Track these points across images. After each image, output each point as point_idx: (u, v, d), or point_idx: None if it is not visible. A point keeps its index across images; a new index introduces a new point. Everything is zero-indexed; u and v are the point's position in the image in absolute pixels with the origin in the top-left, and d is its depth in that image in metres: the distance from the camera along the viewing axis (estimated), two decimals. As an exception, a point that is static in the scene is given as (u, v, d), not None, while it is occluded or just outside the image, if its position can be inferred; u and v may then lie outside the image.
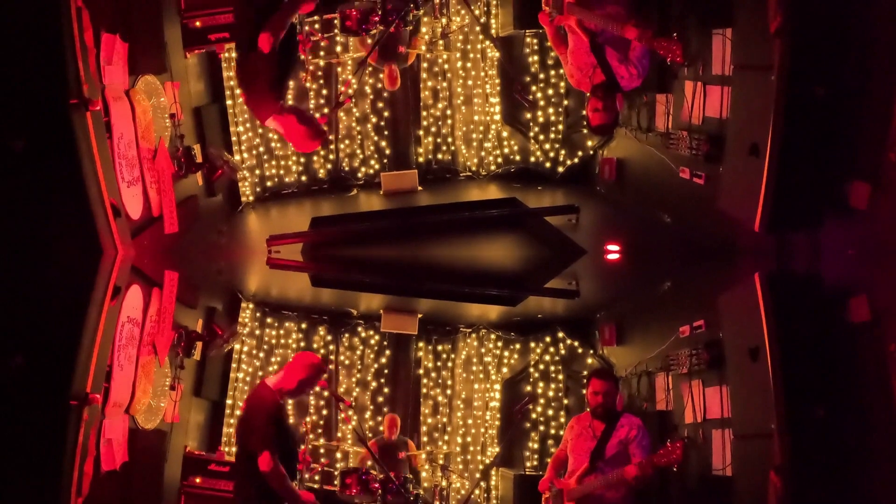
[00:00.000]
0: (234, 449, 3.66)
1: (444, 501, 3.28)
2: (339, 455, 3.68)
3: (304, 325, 5.46)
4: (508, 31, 7.55)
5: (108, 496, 3.08)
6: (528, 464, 3.49)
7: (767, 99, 6.30)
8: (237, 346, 4.99)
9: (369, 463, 3.59)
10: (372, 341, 5.06)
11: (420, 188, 7.71)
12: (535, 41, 7.51)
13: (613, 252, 7.43)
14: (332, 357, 4.77)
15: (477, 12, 7.46)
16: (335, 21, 7.36)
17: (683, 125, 7.05)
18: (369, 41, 7.25)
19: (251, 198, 7.85)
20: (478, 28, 7.41)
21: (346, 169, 7.77)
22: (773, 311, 5.56)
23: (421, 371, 4.50)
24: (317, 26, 7.47)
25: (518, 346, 4.97)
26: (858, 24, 6.35)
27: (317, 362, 4.75)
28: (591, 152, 7.68)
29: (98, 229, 6.69)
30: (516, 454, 3.60)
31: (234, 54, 7.20)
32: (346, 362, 4.68)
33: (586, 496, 3.19)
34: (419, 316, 5.81)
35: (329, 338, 5.18)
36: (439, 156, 7.78)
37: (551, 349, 4.86)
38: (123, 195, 6.99)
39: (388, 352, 4.88)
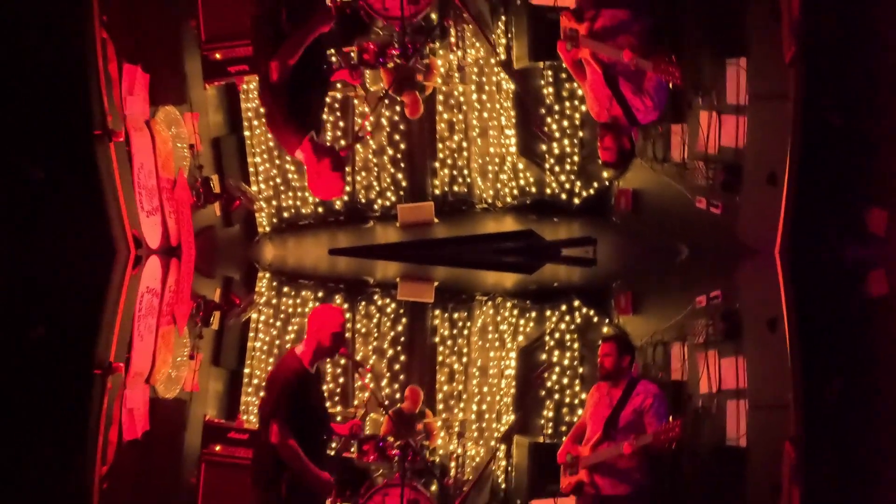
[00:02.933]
0: (252, 417, 3.68)
1: (459, 469, 3.28)
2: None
3: (320, 294, 5.46)
4: (524, 64, 7.63)
5: (130, 465, 3.10)
6: (544, 432, 3.49)
7: (784, 127, 6.35)
8: (255, 316, 4.99)
9: (385, 429, 3.59)
10: (388, 309, 5.06)
11: (436, 220, 7.73)
12: (549, 73, 7.58)
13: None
14: (348, 325, 4.77)
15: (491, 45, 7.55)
16: (353, 54, 7.44)
17: (699, 155, 7.09)
18: (385, 74, 7.31)
19: (268, 228, 7.88)
20: (494, 61, 7.48)
21: (363, 201, 7.80)
22: (792, 282, 5.54)
23: (437, 339, 4.50)
24: (334, 59, 7.55)
25: (534, 314, 4.96)
26: (873, 51, 6.43)
27: (335, 311, 4.72)
28: (607, 183, 7.71)
29: (118, 259, 6.72)
30: (532, 422, 3.60)
31: (253, 86, 7.26)
32: (363, 330, 4.68)
33: (599, 464, 3.19)
34: (435, 284, 5.79)
35: (346, 306, 5.18)
36: (455, 188, 7.81)
37: (567, 318, 4.87)
38: (143, 225, 7.02)
39: (404, 320, 4.86)
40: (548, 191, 7.74)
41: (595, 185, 7.72)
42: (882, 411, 3.44)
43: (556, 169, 7.68)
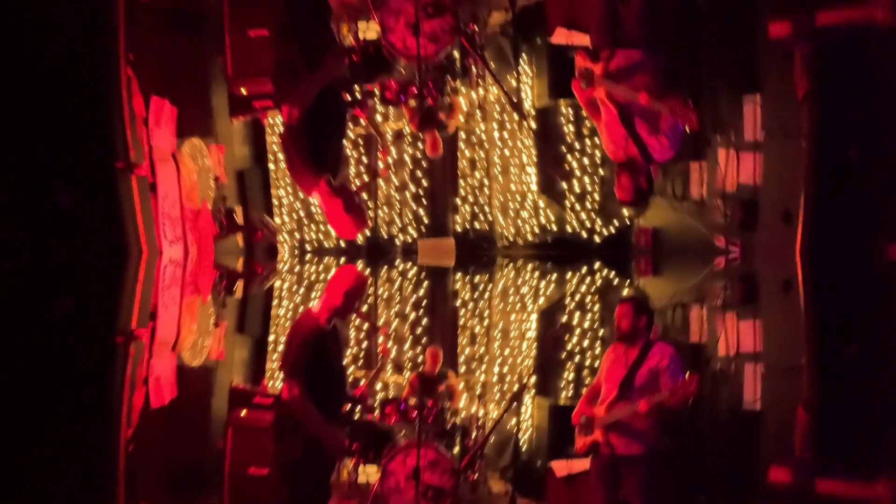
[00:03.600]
0: (277, 383, 3.72)
1: (480, 430, 3.29)
2: (378, 385, 3.72)
3: (343, 261, 5.49)
4: (544, 102, 7.72)
5: (159, 430, 3.17)
6: (564, 394, 3.51)
7: (798, 164, 6.32)
8: (277, 283, 5.04)
9: (407, 392, 3.62)
10: (409, 274, 5.07)
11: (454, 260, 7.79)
12: (570, 111, 7.65)
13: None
14: (370, 290, 4.80)
15: (513, 83, 7.64)
16: (375, 91, 7.60)
17: (717, 193, 7.07)
18: (406, 112, 7.45)
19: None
20: (508, 105, 7.56)
21: (385, 237, 7.90)
22: (810, 245, 5.44)
23: (458, 302, 4.51)
24: (357, 96, 7.72)
25: (554, 276, 4.94)
26: (887, 86, 6.39)
27: (356, 271, 4.76)
28: (628, 222, 7.71)
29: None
30: (552, 384, 3.61)
31: (278, 120, 7.44)
32: (385, 295, 4.70)
33: (614, 424, 3.19)
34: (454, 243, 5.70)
35: (367, 271, 5.21)
36: (477, 224, 7.87)
37: (587, 279, 4.84)
38: (165, 252, 7.18)
39: (425, 283, 4.89)
40: (568, 228, 7.77)
41: (615, 223, 7.72)
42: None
43: (577, 207, 7.71)
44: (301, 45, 6.54)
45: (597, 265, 5.13)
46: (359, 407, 3.46)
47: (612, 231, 7.67)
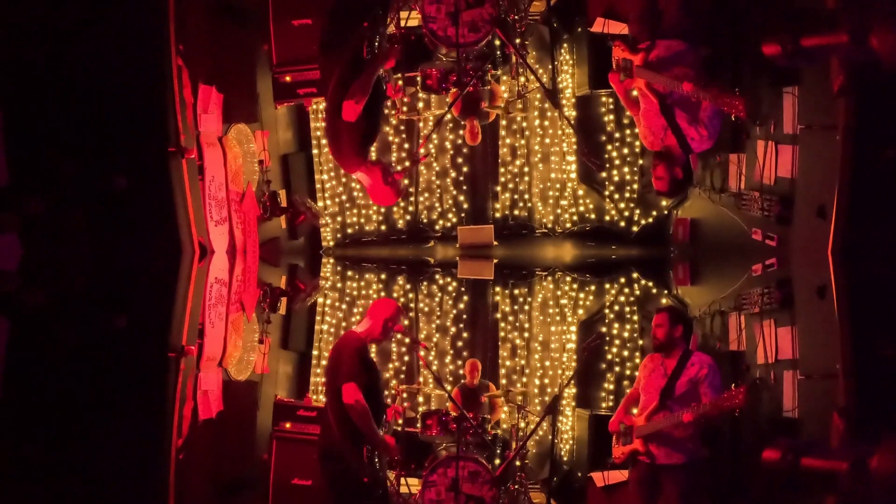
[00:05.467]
0: (321, 396, 3.83)
1: (521, 441, 3.34)
2: (420, 398, 3.81)
3: (383, 276, 5.62)
4: (584, 91, 7.75)
5: (207, 441, 3.30)
6: (604, 404, 3.53)
7: (834, 159, 6.28)
8: (320, 300, 5.19)
9: (449, 405, 3.69)
10: (450, 288, 5.18)
11: (496, 243, 7.88)
12: (610, 100, 7.67)
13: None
14: (412, 305, 4.90)
15: (553, 72, 7.70)
16: (417, 79, 7.72)
17: (755, 185, 7.05)
18: (448, 99, 7.55)
19: (332, 243, 8.19)
20: (542, 93, 7.60)
21: (425, 221, 8.03)
22: (842, 250, 5.41)
23: (498, 315, 4.59)
24: (400, 83, 7.83)
25: (593, 287, 4.98)
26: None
27: (394, 303, 4.89)
28: (666, 212, 7.72)
29: (183, 264, 7.14)
30: (592, 395, 3.65)
31: (321, 107, 7.60)
32: (426, 309, 4.83)
33: (654, 434, 3.20)
34: (495, 261, 5.86)
35: (408, 286, 5.33)
36: (516, 212, 7.95)
37: (626, 290, 4.87)
38: (211, 233, 7.43)
39: (465, 297, 4.98)
40: (607, 218, 7.81)
41: (654, 213, 7.74)
42: None
43: (616, 196, 7.75)
44: (345, 33, 6.67)
45: (635, 275, 5.16)
46: (400, 420, 3.56)
47: (650, 221, 7.71)
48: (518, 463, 3.16)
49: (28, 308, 5.37)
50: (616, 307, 4.54)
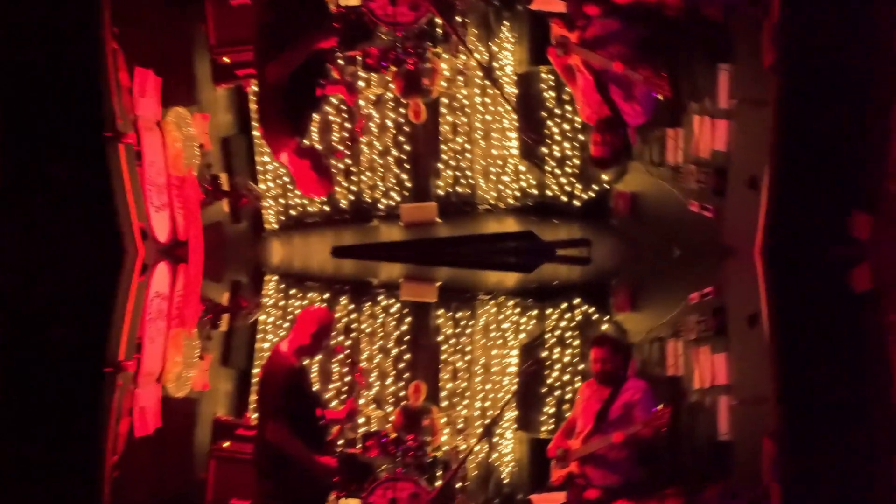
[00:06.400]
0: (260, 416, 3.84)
1: (461, 464, 3.35)
2: (360, 419, 3.81)
3: (326, 296, 5.64)
4: (525, 68, 7.81)
5: (143, 459, 3.26)
6: (544, 428, 3.59)
7: (765, 132, 6.43)
8: (262, 317, 5.19)
9: (389, 426, 3.72)
10: (393, 309, 5.22)
11: (439, 220, 7.93)
12: (551, 77, 7.74)
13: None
14: (354, 326, 4.92)
15: (495, 49, 7.74)
16: (357, 58, 7.70)
17: (692, 159, 7.19)
18: (388, 77, 7.56)
19: (275, 226, 8.18)
20: (480, 71, 7.64)
21: (368, 200, 8.05)
22: (772, 278, 5.59)
23: (441, 337, 4.63)
24: (340, 62, 7.81)
25: (535, 312, 5.05)
26: (855, 56, 6.46)
27: (322, 312, 4.89)
28: (607, 186, 7.84)
29: (126, 251, 7.08)
30: (533, 418, 3.70)
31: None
32: (368, 330, 4.83)
33: (589, 456, 3.27)
34: (438, 284, 5.94)
35: (351, 307, 5.35)
36: (459, 189, 8.01)
37: (567, 315, 4.90)
38: (152, 219, 7.37)
39: (408, 319, 5.02)
40: (549, 193, 7.90)
41: (595, 187, 7.85)
42: (864, 407, 3.50)
43: (557, 171, 7.84)
44: (284, 12, 6.63)
45: (576, 301, 5.24)
46: (340, 441, 3.54)
47: (592, 195, 7.82)
48: (458, 485, 3.19)
49: None
50: (557, 332, 4.61)
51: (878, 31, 6.32)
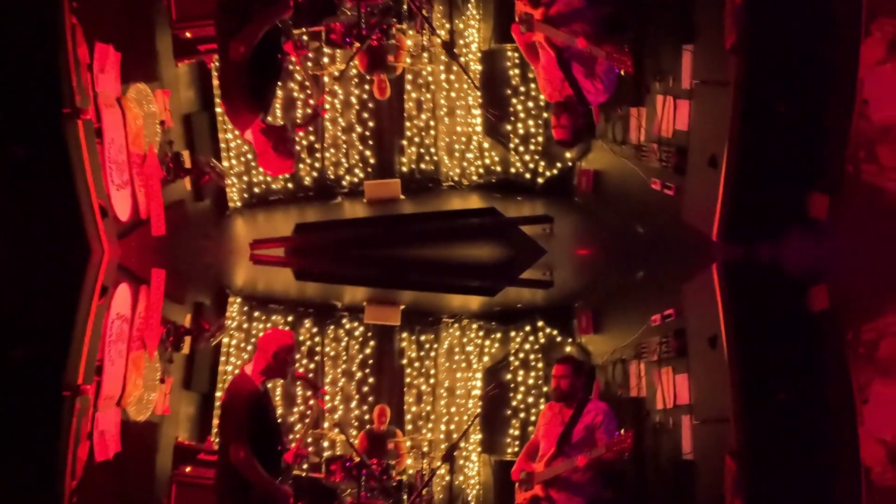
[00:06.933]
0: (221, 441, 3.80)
1: (426, 487, 3.36)
2: (325, 443, 3.80)
3: (290, 319, 5.62)
4: (490, 45, 7.80)
5: (103, 485, 3.22)
6: (509, 450, 3.61)
7: (726, 113, 6.49)
8: (225, 340, 5.12)
9: (354, 450, 3.71)
10: (356, 333, 5.20)
11: (403, 197, 7.93)
12: (515, 55, 7.74)
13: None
14: (318, 349, 4.90)
15: (460, 26, 7.71)
16: (321, 34, 7.64)
17: (654, 138, 7.24)
18: (359, 55, 7.51)
19: (238, 203, 8.12)
20: (443, 49, 7.61)
21: (332, 177, 8.02)
22: (731, 299, 5.68)
23: (405, 361, 4.63)
24: (304, 38, 7.75)
25: (499, 335, 5.06)
26: (816, 39, 6.52)
27: (285, 334, 4.87)
28: (570, 164, 7.88)
29: (86, 229, 7.00)
30: (497, 440, 3.72)
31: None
32: (332, 353, 4.80)
33: (553, 479, 3.29)
34: (402, 307, 5.96)
35: (315, 330, 5.32)
36: (422, 165, 8.00)
37: (531, 338, 4.92)
38: (113, 197, 7.29)
39: (372, 342, 5.01)
40: (512, 170, 7.93)
41: (558, 165, 7.89)
42: (824, 425, 3.55)
43: (521, 149, 7.86)
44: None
45: (540, 323, 5.26)
46: (304, 465, 3.53)
47: (555, 172, 7.86)
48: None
49: None
50: (521, 354, 4.63)
51: (839, 14, 6.38)
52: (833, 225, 6.50)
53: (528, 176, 7.91)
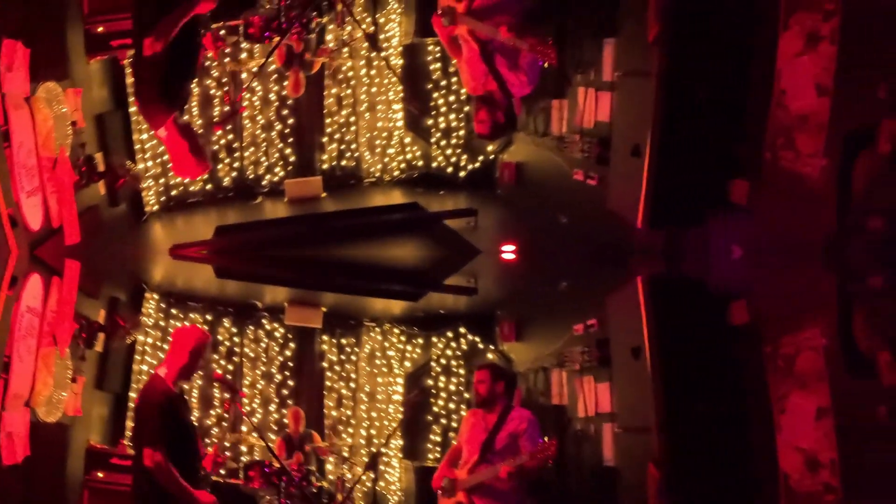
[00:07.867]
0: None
1: (347, 493, 3.34)
2: (243, 448, 3.75)
3: (208, 317, 5.50)
4: (411, 39, 7.77)
5: (11, 491, 3.11)
6: (430, 456, 3.59)
7: (648, 103, 6.66)
8: (140, 338, 5.01)
9: (273, 456, 3.65)
10: (277, 334, 5.13)
11: (324, 194, 7.84)
12: (437, 49, 7.73)
13: (509, 252, 7.69)
14: (236, 349, 4.82)
15: (381, 20, 7.66)
16: (239, 28, 7.48)
17: (576, 129, 7.36)
18: (277, 52, 7.38)
19: (156, 207, 7.89)
20: (365, 41, 7.58)
21: (251, 177, 7.87)
22: (655, 312, 5.81)
23: (325, 364, 4.56)
24: (222, 32, 7.57)
25: (421, 340, 5.04)
26: (736, 32, 6.75)
27: (198, 330, 4.76)
28: (492, 157, 7.93)
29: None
30: (419, 446, 3.69)
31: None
32: (251, 355, 4.73)
33: (477, 486, 3.31)
34: (323, 309, 5.89)
35: (234, 330, 5.23)
36: (343, 162, 7.91)
37: (453, 344, 4.91)
38: (23, 206, 6.99)
39: (292, 345, 4.93)
40: (434, 164, 7.92)
41: (480, 158, 7.93)
42: (743, 434, 3.60)
43: (443, 143, 7.86)
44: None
45: (462, 330, 5.27)
46: (223, 471, 3.47)
47: (477, 166, 7.89)
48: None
49: None
50: (443, 360, 4.61)
51: (758, 8, 6.61)
52: (753, 210, 6.74)
53: (450, 170, 7.91)
